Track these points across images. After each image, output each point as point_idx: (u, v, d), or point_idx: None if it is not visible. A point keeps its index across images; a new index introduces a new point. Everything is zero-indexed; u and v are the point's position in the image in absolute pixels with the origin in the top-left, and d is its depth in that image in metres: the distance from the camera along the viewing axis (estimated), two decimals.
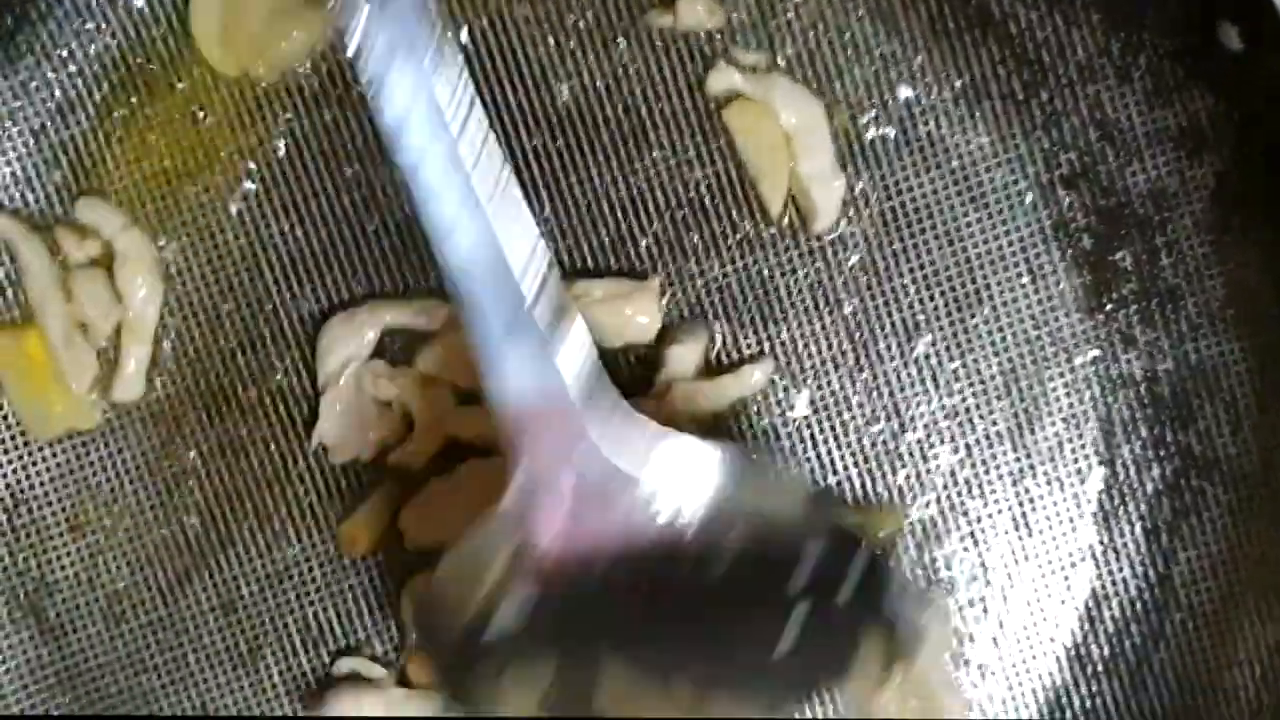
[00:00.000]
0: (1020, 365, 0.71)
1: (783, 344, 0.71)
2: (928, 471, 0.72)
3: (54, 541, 0.73)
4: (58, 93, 0.71)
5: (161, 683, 0.73)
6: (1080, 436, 0.72)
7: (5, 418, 0.72)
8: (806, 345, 0.71)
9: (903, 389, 0.71)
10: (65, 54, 0.70)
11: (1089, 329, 0.71)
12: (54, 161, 0.71)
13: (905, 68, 0.70)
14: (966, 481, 0.72)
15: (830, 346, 0.71)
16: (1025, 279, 0.71)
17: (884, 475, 0.72)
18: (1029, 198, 0.70)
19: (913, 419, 0.71)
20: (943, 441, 0.72)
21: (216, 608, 0.73)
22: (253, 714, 0.73)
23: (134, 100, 0.71)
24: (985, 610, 0.72)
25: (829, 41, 0.70)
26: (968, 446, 0.71)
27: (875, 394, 0.71)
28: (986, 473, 0.72)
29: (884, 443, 0.72)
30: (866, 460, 0.72)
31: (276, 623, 0.73)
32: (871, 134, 0.70)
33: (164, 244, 0.71)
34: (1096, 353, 0.71)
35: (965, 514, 0.72)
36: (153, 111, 0.71)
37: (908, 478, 0.72)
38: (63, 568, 0.73)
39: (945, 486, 0.72)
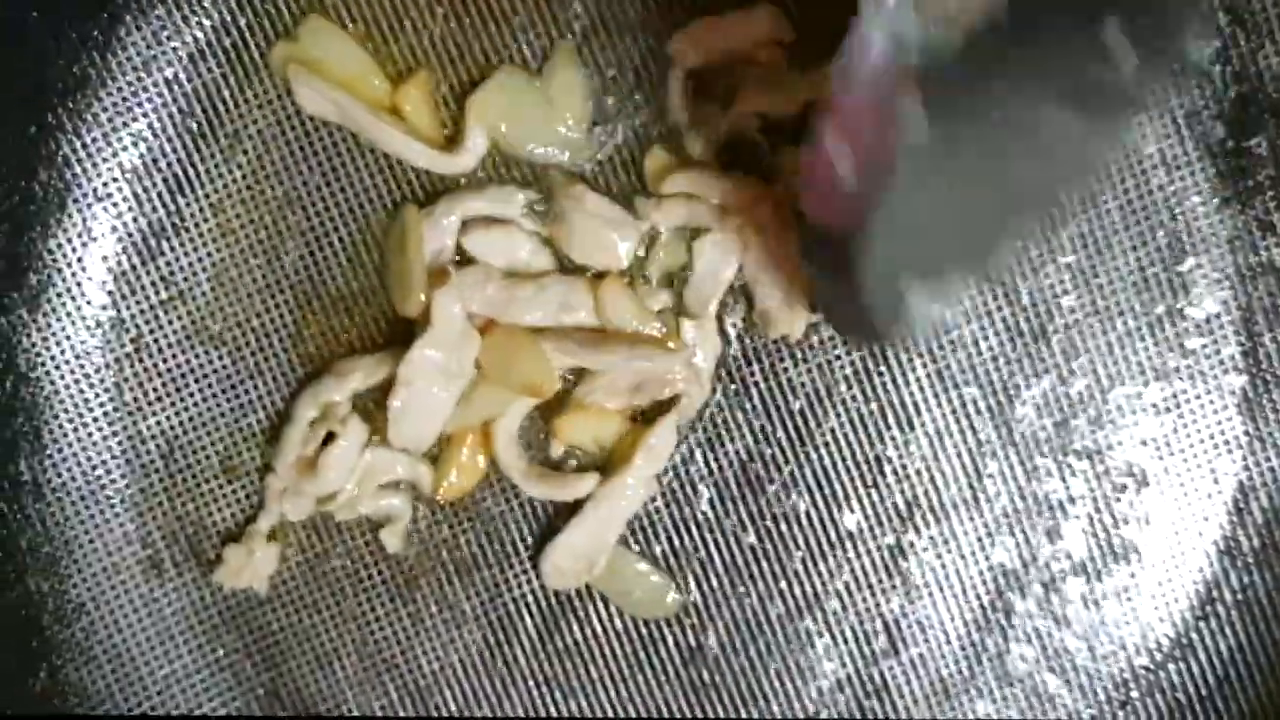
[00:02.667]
0: (1158, 258, 0.70)
1: None
2: (1070, 368, 0.72)
3: (210, 484, 0.73)
4: (189, 41, 0.71)
5: (322, 619, 0.73)
6: (1221, 327, 0.71)
7: (156, 361, 0.72)
8: None
9: (1042, 286, 0.71)
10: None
11: (1226, 217, 0.70)
12: (188, 110, 0.71)
13: None
14: (1109, 375, 0.71)
15: None
16: (1159, 170, 0.70)
17: (1029, 354, 0.72)
18: (1159, 89, 0.70)
19: (1051, 313, 0.71)
20: (1082, 337, 0.71)
21: (375, 546, 0.74)
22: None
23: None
24: (1133, 504, 0.72)
25: None
26: (1109, 343, 0.71)
27: (1014, 297, 0.71)
28: (1129, 366, 0.71)
29: (1026, 338, 0.71)
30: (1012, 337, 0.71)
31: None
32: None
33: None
34: (1235, 241, 0.70)
35: (1108, 405, 0.71)
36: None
37: (1049, 369, 0.72)
38: (219, 509, 0.73)
39: (1088, 380, 0.71)
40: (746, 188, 0.70)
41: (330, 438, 0.71)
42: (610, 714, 0.73)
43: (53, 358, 0.72)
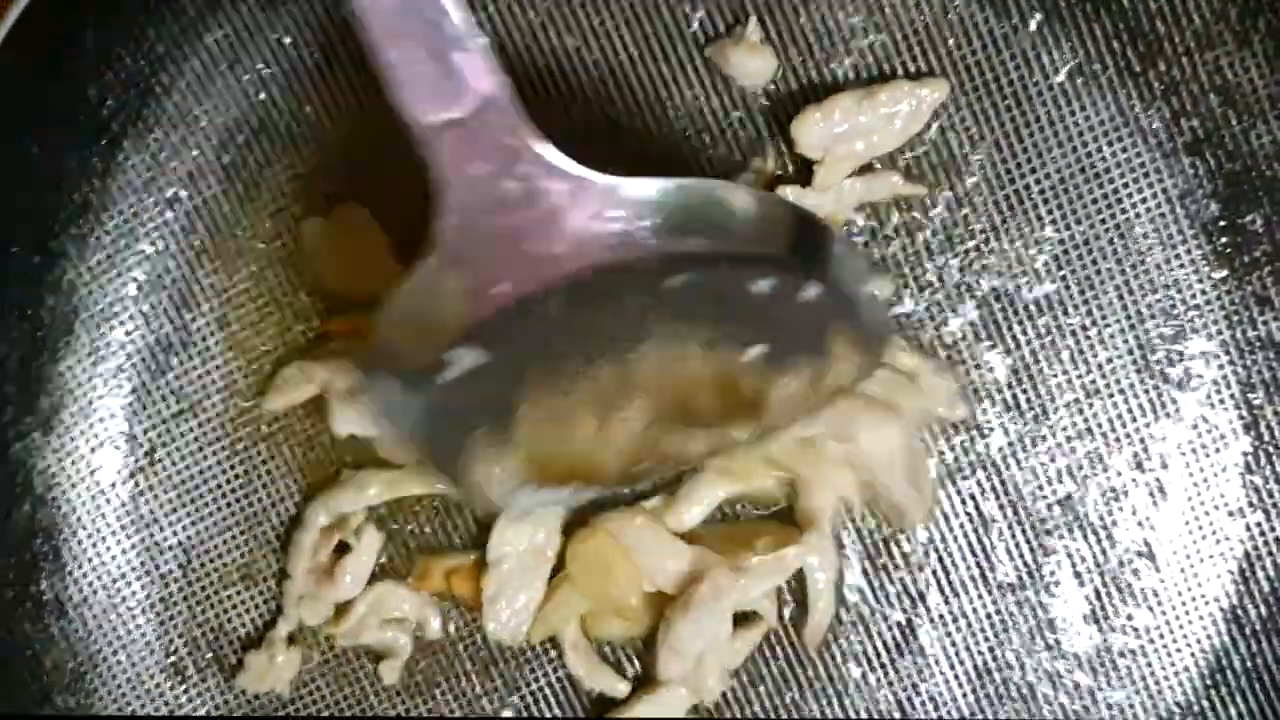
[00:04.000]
0: (1155, 334, 0.71)
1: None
2: (1070, 439, 0.72)
3: (228, 591, 0.74)
4: (187, 160, 0.71)
5: (343, 716, 0.75)
6: (1221, 401, 0.71)
7: (170, 473, 0.73)
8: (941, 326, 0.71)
9: (1039, 367, 0.71)
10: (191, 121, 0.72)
11: (1222, 294, 0.70)
12: (190, 228, 0.72)
13: (1017, 47, 0.69)
14: (1110, 451, 0.72)
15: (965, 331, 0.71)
16: (1155, 250, 0.70)
17: (1032, 445, 0.72)
18: (1153, 169, 0.70)
19: (1053, 394, 0.71)
20: (1082, 413, 0.71)
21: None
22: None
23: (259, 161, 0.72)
24: (1139, 576, 0.72)
25: (936, 22, 0.69)
26: (1110, 420, 0.71)
27: (1017, 378, 0.71)
28: (1131, 442, 0.72)
29: (1028, 418, 0.72)
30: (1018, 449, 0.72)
31: None
32: (985, 117, 0.69)
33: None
34: (1232, 316, 0.70)
35: (1110, 481, 0.72)
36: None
37: (1052, 449, 0.72)
38: (239, 615, 0.74)
39: (1090, 457, 0.72)
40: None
41: (344, 546, 0.72)
42: None
43: (68, 477, 0.73)
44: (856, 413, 0.69)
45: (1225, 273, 0.70)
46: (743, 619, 0.72)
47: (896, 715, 0.73)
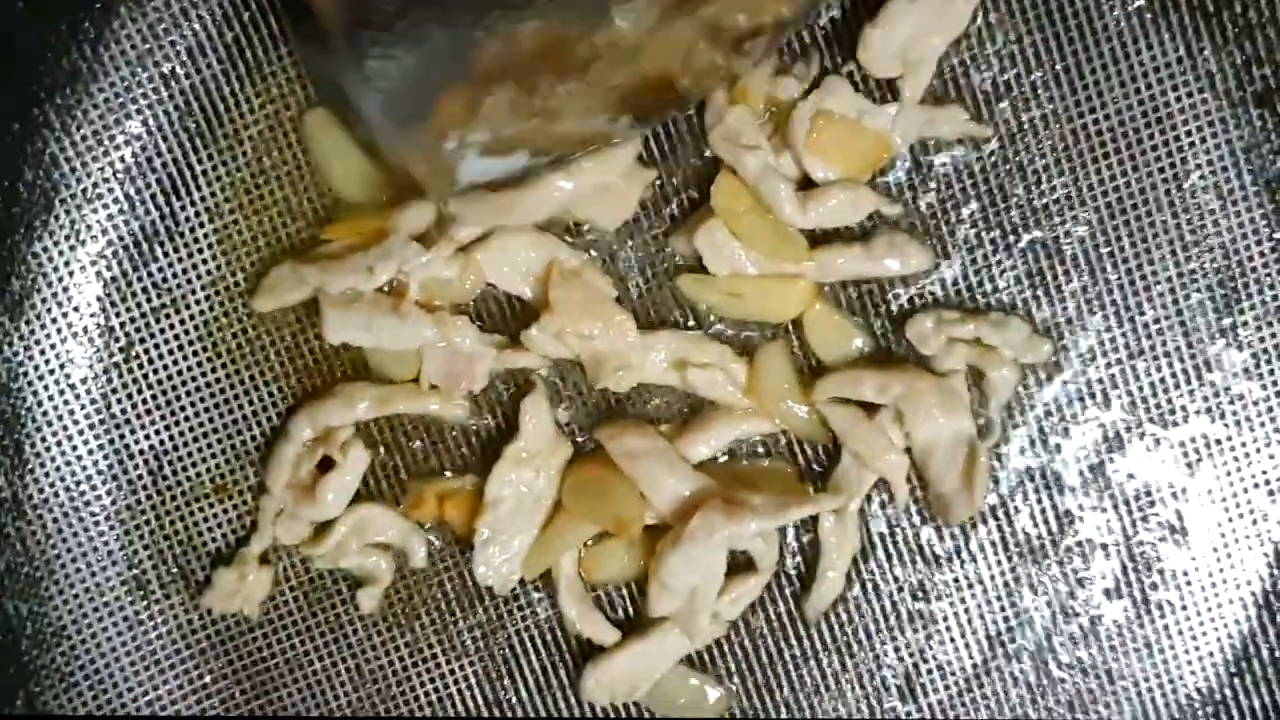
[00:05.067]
0: (1207, 297, 0.67)
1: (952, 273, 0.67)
2: (1111, 410, 0.68)
3: (200, 503, 0.69)
4: (188, 35, 0.67)
5: (315, 646, 0.70)
6: (1271, 371, 0.67)
7: (146, 372, 0.68)
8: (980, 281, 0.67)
9: (1080, 324, 0.67)
10: None
11: None
12: (185, 109, 0.67)
13: None
14: (1150, 417, 0.68)
15: (1006, 283, 0.67)
16: (1213, 204, 0.66)
17: (1066, 406, 0.68)
18: (1218, 117, 0.65)
19: (1094, 352, 0.67)
20: (1123, 375, 0.67)
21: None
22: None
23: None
24: (1170, 552, 0.69)
25: None
26: (1152, 384, 0.67)
27: (1046, 328, 0.68)
28: (1172, 409, 0.68)
29: (1068, 375, 0.67)
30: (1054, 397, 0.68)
31: None
32: (1051, 55, 0.65)
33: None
34: None
35: (1145, 450, 0.68)
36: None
37: (1087, 412, 0.68)
38: (210, 529, 0.69)
39: (1129, 422, 0.68)
40: (904, 370, 0.67)
41: (328, 463, 0.67)
42: None
43: (36, 368, 0.68)
44: (928, 396, 0.66)
45: None
46: (743, 568, 0.69)
47: (900, 680, 0.69)
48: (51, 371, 0.68)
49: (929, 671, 0.70)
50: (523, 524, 0.68)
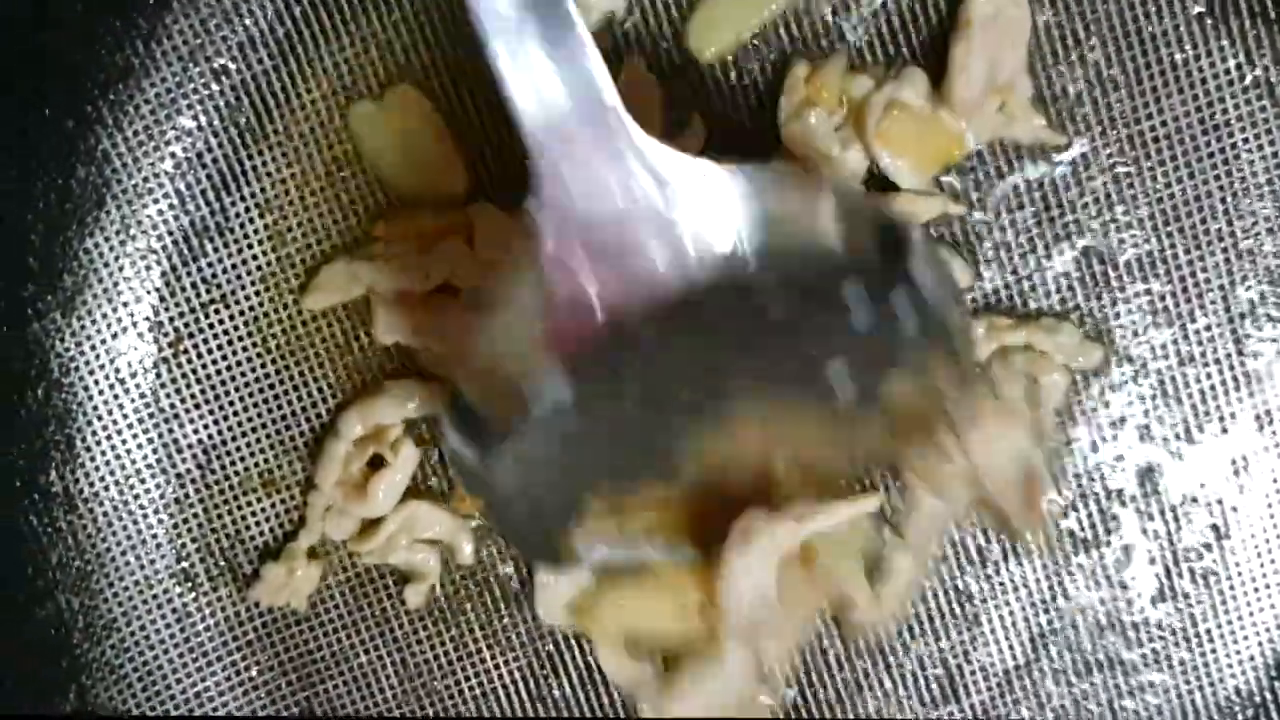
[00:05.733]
0: (1258, 305, 0.66)
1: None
2: (1157, 407, 0.68)
3: (248, 497, 0.70)
4: (239, 30, 0.66)
5: (362, 640, 0.70)
6: None
7: (195, 367, 0.68)
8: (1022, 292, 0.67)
9: (1132, 329, 0.67)
10: None
11: None
12: (236, 104, 0.67)
13: None
14: (1198, 424, 0.68)
15: (1058, 289, 0.67)
16: (1270, 214, 0.66)
17: (1115, 409, 0.68)
18: (1276, 125, 0.65)
19: (1144, 359, 0.67)
20: (1173, 380, 0.67)
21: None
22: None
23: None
24: (1212, 555, 0.69)
25: None
26: (1200, 391, 0.68)
27: (1098, 333, 0.67)
28: (1220, 415, 0.68)
29: (1108, 389, 0.67)
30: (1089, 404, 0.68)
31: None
32: (1108, 60, 0.65)
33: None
34: None
35: (1193, 455, 0.68)
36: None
37: (1137, 415, 0.68)
38: (258, 523, 0.70)
39: (1175, 426, 0.68)
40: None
41: (378, 460, 0.67)
42: None
43: (87, 363, 0.68)
44: (982, 418, 0.65)
45: None
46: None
47: (942, 685, 0.69)
48: (102, 366, 0.68)
49: (971, 673, 0.70)
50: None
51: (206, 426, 0.69)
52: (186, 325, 0.68)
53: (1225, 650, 0.69)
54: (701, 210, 0.56)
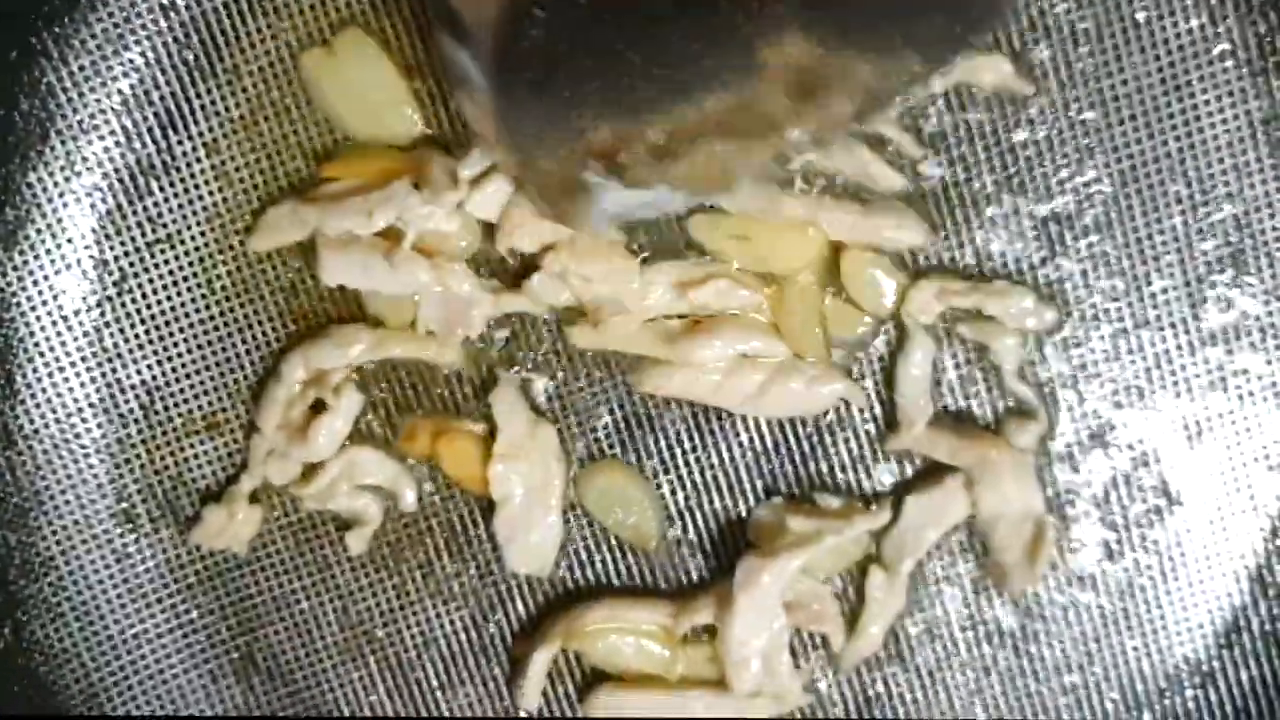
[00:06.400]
0: (1217, 268, 0.66)
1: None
2: (1111, 370, 0.67)
3: (191, 439, 0.69)
4: None
5: (303, 585, 0.70)
6: (1276, 348, 0.67)
7: (140, 306, 0.68)
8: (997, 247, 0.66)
9: (1088, 289, 0.66)
10: None
11: None
12: (185, 41, 0.66)
13: None
14: (1152, 388, 0.67)
15: (1014, 248, 0.66)
16: (1228, 176, 0.65)
17: (1070, 371, 0.67)
18: (1238, 88, 0.64)
19: (1099, 317, 0.66)
20: (1126, 353, 0.67)
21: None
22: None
23: None
24: (1164, 523, 0.68)
25: None
26: (1156, 355, 0.66)
27: (1051, 294, 0.67)
28: (1175, 380, 0.67)
29: (1069, 349, 0.67)
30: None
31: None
32: (1070, 16, 0.64)
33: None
34: None
35: (1146, 418, 0.68)
36: None
37: (1089, 380, 0.67)
38: (200, 465, 0.69)
39: (1128, 389, 0.67)
40: (979, 438, 0.67)
41: (321, 404, 0.66)
42: None
43: (29, 299, 0.68)
44: (1001, 467, 0.66)
45: None
46: None
47: (888, 646, 0.69)
48: (45, 303, 0.68)
49: (915, 627, 0.69)
50: (539, 510, 0.68)
51: (150, 367, 0.68)
52: (131, 264, 0.67)
53: (1174, 618, 0.68)
54: None
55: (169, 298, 0.68)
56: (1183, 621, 0.69)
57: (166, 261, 0.68)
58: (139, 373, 0.68)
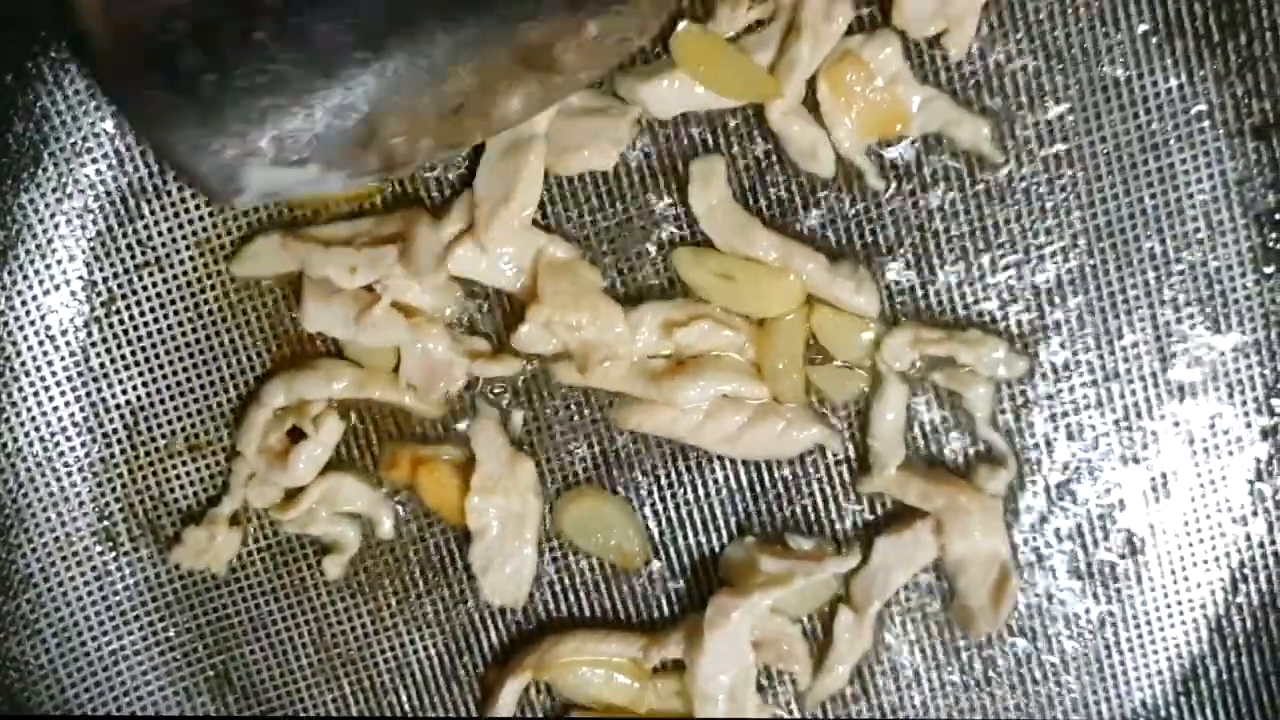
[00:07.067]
0: (1186, 325, 0.67)
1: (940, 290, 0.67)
2: (1081, 421, 0.68)
3: (173, 460, 0.70)
4: None
5: (279, 607, 0.71)
6: (1243, 404, 0.68)
7: (127, 328, 0.69)
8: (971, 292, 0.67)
9: (1060, 341, 0.68)
10: None
11: (1265, 291, 0.67)
12: None
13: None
14: (1120, 441, 0.68)
15: (988, 298, 0.67)
16: (1202, 235, 0.66)
17: (1039, 421, 0.69)
18: (1214, 148, 0.65)
19: (1068, 369, 0.67)
20: (1096, 404, 0.68)
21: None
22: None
23: None
24: (1125, 569, 0.69)
25: None
26: (1125, 407, 0.68)
27: (1024, 346, 0.68)
28: (1143, 431, 0.68)
29: (1039, 399, 0.68)
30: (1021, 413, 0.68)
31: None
32: (1049, 73, 0.65)
33: None
34: (1271, 316, 0.67)
35: (1113, 469, 0.69)
36: None
37: (1059, 430, 0.68)
38: (181, 486, 0.70)
39: (1097, 439, 0.69)
40: (949, 483, 0.68)
41: (299, 433, 0.67)
42: None
43: (17, 318, 0.68)
44: (970, 513, 0.67)
45: (1272, 269, 0.66)
46: None
47: (856, 685, 0.70)
48: (32, 322, 0.68)
49: (882, 673, 0.70)
50: (515, 542, 0.69)
51: (135, 388, 0.69)
52: (119, 286, 0.68)
53: (1134, 664, 0.70)
54: None
55: (156, 320, 0.69)
56: (1142, 668, 0.70)
57: (155, 284, 0.68)
58: (124, 393, 0.69)
